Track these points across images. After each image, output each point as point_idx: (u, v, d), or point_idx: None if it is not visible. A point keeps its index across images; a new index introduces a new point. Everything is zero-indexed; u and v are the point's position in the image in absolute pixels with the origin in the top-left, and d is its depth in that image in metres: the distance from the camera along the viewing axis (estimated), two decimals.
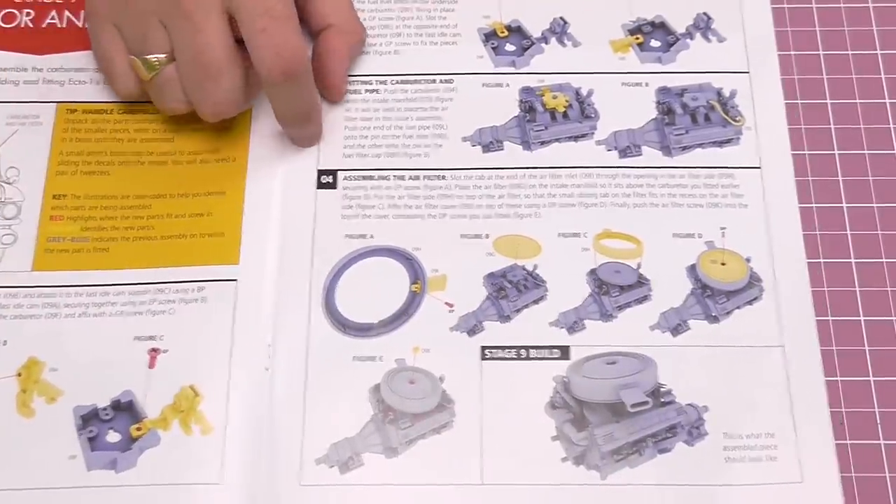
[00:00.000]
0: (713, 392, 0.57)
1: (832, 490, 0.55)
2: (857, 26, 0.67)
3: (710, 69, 0.65)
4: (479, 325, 0.59)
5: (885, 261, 0.60)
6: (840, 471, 0.55)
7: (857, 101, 0.64)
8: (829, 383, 0.57)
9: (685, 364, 0.58)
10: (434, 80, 0.65)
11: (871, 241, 0.61)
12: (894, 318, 0.59)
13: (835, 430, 0.56)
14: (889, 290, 0.60)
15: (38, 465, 0.56)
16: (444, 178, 0.62)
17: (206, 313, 0.59)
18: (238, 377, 0.57)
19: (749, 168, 0.62)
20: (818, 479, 0.55)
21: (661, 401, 0.57)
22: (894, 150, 0.63)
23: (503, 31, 0.66)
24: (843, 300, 0.59)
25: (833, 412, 0.57)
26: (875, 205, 0.62)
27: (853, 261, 0.60)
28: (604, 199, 0.62)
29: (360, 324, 0.59)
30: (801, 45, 0.66)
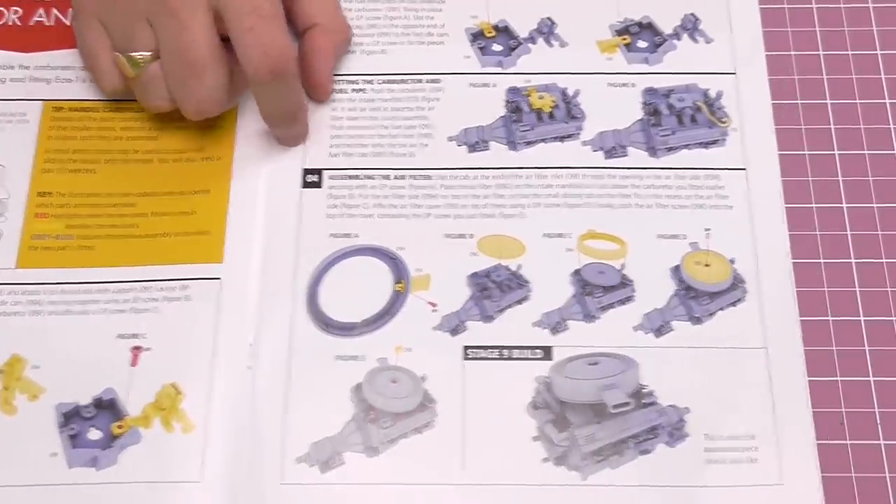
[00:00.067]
0: (695, 393, 0.57)
1: (812, 492, 0.55)
2: (857, 26, 0.67)
3: (697, 70, 0.65)
4: (462, 324, 0.59)
5: (885, 261, 0.60)
6: (840, 471, 0.55)
7: (857, 101, 0.64)
8: (829, 383, 0.57)
9: (668, 365, 0.58)
10: (421, 80, 0.65)
11: (871, 241, 0.61)
12: (894, 318, 0.59)
13: (835, 430, 0.56)
14: (889, 290, 0.59)
15: (19, 462, 0.56)
16: (429, 177, 0.62)
17: (189, 312, 0.59)
18: (220, 375, 0.57)
19: (734, 170, 0.62)
20: (798, 481, 0.55)
21: (643, 402, 0.57)
22: (894, 150, 0.63)
23: (490, 32, 0.66)
24: (843, 300, 0.59)
25: (833, 412, 0.57)
26: (875, 205, 0.62)
27: (853, 261, 0.60)
28: (589, 200, 0.62)
29: (344, 323, 0.59)
30: (800, 46, 0.66)
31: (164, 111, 0.61)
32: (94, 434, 0.56)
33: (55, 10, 0.67)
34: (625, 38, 0.66)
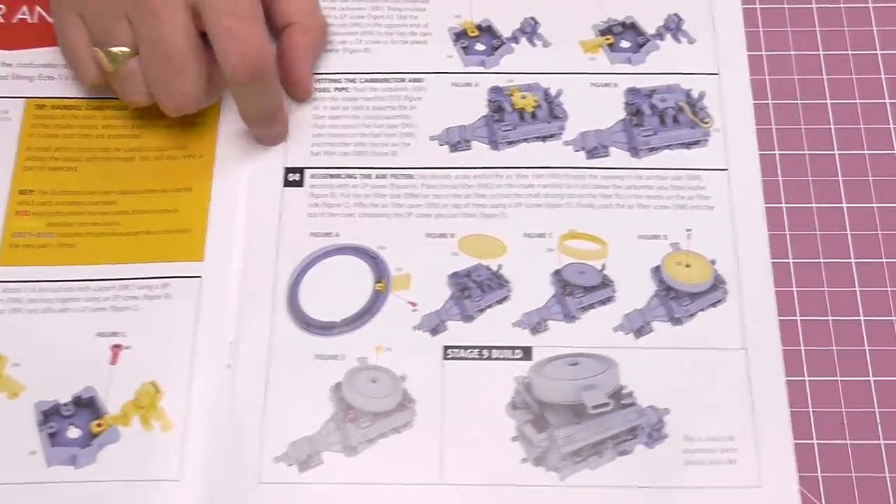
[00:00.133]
0: (675, 394, 0.57)
1: (790, 494, 0.55)
2: (857, 26, 0.67)
3: (680, 70, 0.65)
4: (442, 324, 0.59)
5: (885, 261, 0.60)
6: (840, 471, 0.55)
7: (857, 101, 0.64)
8: (829, 383, 0.57)
9: (647, 366, 0.57)
10: (403, 79, 0.65)
11: (871, 241, 0.61)
12: (894, 318, 0.59)
13: (835, 430, 0.56)
14: (889, 290, 0.59)
15: None
16: (411, 177, 0.62)
17: (169, 310, 0.59)
18: (200, 374, 0.57)
19: (716, 170, 0.62)
20: (776, 483, 0.55)
21: (623, 403, 0.57)
22: (894, 150, 0.63)
23: (474, 31, 0.66)
24: (842, 300, 0.59)
25: (833, 412, 0.57)
26: (875, 205, 0.62)
27: (853, 261, 0.60)
28: (570, 200, 0.61)
29: (324, 322, 0.59)
30: (800, 46, 0.66)
31: (143, 106, 0.61)
32: (74, 432, 0.56)
33: (38, 8, 0.67)
34: (608, 39, 0.66)
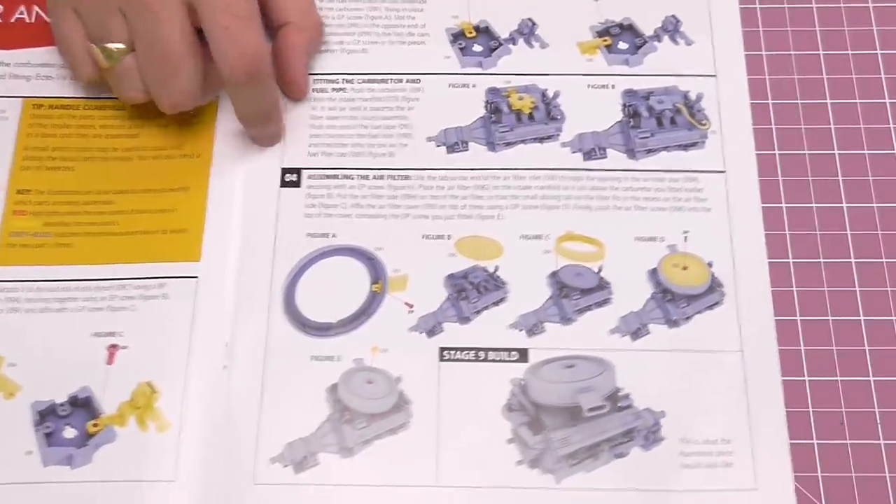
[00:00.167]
0: (671, 397, 0.57)
1: (786, 498, 0.55)
2: (857, 26, 0.66)
3: (678, 72, 0.65)
4: (439, 325, 0.59)
5: (885, 261, 0.60)
6: (840, 471, 0.55)
7: (857, 101, 0.64)
8: (829, 383, 0.57)
9: (644, 368, 0.57)
10: (401, 80, 0.65)
11: (871, 241, 0.61)
12: (894, 318, 0.59)
13: (835, 430, 0.56)
14: (889, 290, 0.59)
15: None
16: (408, 178, 0.62)
17: (166, 310, 0.59)
18: (196, 375, 0.57)
19: (713, 172, 0.62)
20: (773, 486, 0.55)
21: (619, 405, 0.57)
22: (894, 150, 0.63)
23: (471, 32, 0.66)
24: (842, 300, 0.59)
25: (833, 412, 0.57)
26: (875, 205, 0.62)
27: (853, 261, 0.60)
28: (567, 202, 0.61)
29: (320, 323, 0.59)
30: (800, 46, 0.66)
31: (139, 102, 0.61)
32: (70, 432, 0.56)
33: (36, 8, 0.67)
34: (605, 40, 0.66)
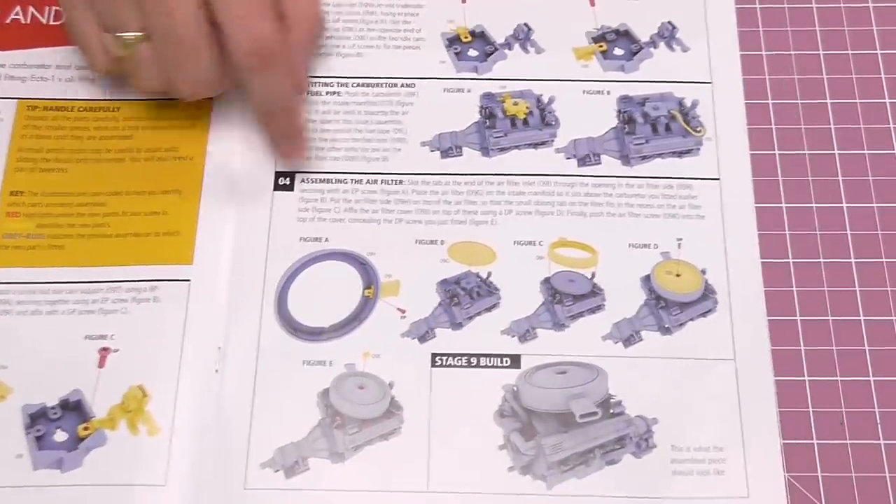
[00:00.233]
0: (663, 404, 0.57)
1: None
2: (857, 26, 0.66)
3: (673, 79, 0.65)
4: (431, 331, 0.59)
5: (885, 261, 0.60)
6: (840, 471, 0.55)
7: (857, 101, 0.64)
8: (829, 383, 0.57)
9: (636, 375, 0.57)
10: (396, 84, 0.65)
11: (871, 241, 0.61)
12: (894, 318, 0.59)
13: (835, 430, 0.56)
14: (889, 290, 0.59)
15: None
16: (401, 182, 0.62)
17: (158, 313, 0.59)
18: (187, 378, 0.57)
19: (708, 179, 0.62)
20: (765, 494, 0.55)
21: (611, 412, 0.57)
22: (894, 150, 0.63)
23: (467, 37, 0.66)
24: (842, 300, 0.59)
25: (833, 412, 0.57)
26: (875, 205, 0.62)
27: (853, 261, 0.60)
28: (560, 208, 0.61)
29: (312, 328, 0.59)
30: (800, 46, 0.66)
31: (156, 92, 0.61)
32: (60, 436, 0.56)
33: (32, 9, 0.67)
34: (601, 46, 0.66)
